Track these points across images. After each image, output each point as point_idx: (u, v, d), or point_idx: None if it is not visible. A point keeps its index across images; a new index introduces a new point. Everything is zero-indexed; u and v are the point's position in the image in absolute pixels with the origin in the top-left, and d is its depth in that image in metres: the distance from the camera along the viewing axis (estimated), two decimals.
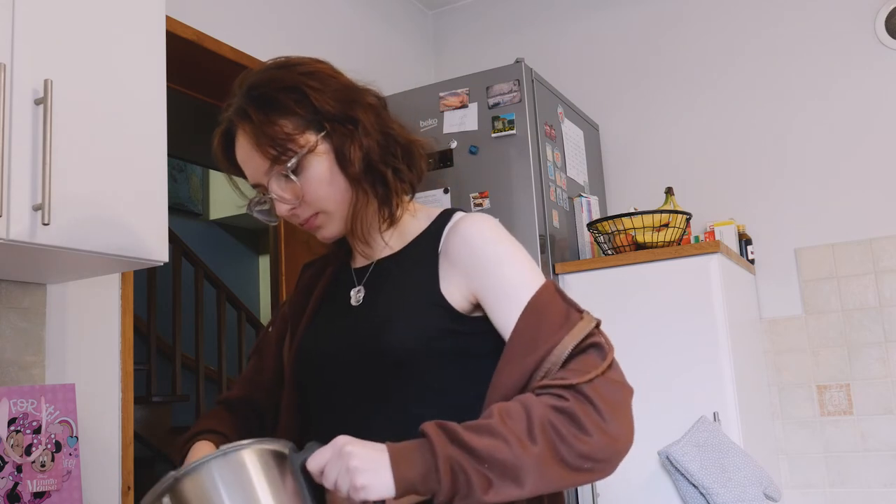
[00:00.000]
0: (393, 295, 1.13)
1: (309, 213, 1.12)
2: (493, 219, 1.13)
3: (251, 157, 1.11)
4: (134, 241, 1.56)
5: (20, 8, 1.41)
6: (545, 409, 0.92)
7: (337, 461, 0.88)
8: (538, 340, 0.99)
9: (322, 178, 1.10)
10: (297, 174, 1.09)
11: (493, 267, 1.06)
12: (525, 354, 0.99)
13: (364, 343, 1.09)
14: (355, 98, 1.13)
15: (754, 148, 3.00)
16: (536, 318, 1.01)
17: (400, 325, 1.07)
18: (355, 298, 1.17)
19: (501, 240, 1.09)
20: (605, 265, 2.47)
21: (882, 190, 2.79)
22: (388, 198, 1.14)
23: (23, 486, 1.59)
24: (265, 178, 1.11)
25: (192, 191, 6.53)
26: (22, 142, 1.38)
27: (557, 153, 2.72)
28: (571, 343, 0.98)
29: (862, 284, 2.77)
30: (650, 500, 2.27)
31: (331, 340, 1.15)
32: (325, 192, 1.11)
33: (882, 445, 2.68)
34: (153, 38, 1.68)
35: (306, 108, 1.10)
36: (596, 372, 0.96)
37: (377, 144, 1.12)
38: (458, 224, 1.12)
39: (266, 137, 1.08)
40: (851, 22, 2.90)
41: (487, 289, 1.06)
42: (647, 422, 2.29)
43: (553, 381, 0.95)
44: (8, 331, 1.77)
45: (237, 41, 2.52)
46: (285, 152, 1.08)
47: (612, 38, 3.33)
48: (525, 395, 0.95)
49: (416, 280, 1.11)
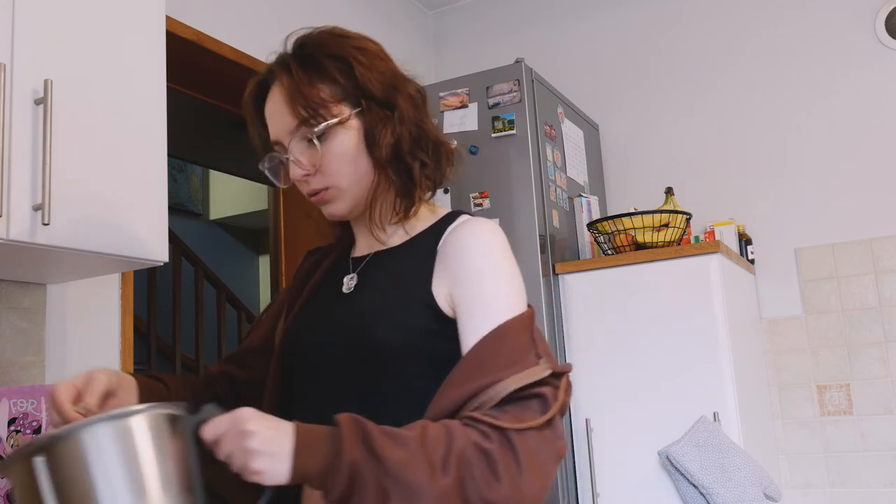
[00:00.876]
0: (384, 288, 1.10)
1: (322, 184, 1.10)
2: (496, 228, 1.10)
3: (280, 113, 1.09)
4: (134, 241, 1.56)
5: (20, 8, 1.41)
6: (467, 444, 0.88)
7: (235, 437, 0.84)
8: (484, 370, 0.95)
9: (345, 152, 1.09)
10: (321, 141, 1.07)
11: (475, 281, 1.04)
12: (467, 380, 0.95)
13: (348, 335, 1.07)
14: (398, 85, 1.12)
15: (754, 148, 3.00)
16: (493, 347, 0.97)
17: (385, 321, 1.05)
18: (347, 286, 1.15)
19: (494, 254, 1.06)
20: (605, 265, 2.47)
21: (882, 190, 2.79)
22: (409, 190, 1.12)
23: None
24: (288, 137, 1.09)
25: (192, 191, 6.53)
26: (22, 142, 1.38)
27: (557, 153, 2.72)
28: (513, 385, 0.93)
29: (862, 284, 2.77)
30: (650, 500, 2.27)
31: (317, 327, 1.13)
32: (345, 168, 1.09)
33: (882, 445, 2.68)
34: (153, 38, 1.68)
35: (348, 80, 1.09)
36: (531, 423, 0.91)
37: (409, 135, 1.11)
38: (459, 227, 1.10)
39: (301, 96, 1.07)
40: (851, 22, 2.90)
41: (463, 300, 1.04)
42: (647, 422, 2.30)
43: (484, 417, 0.91)
44: (8, 331, 1.77)
45: (237, 41, 2.52)
46: (315, 116, 1.07)
47: (612, 38, 3.33)
48: (452, 422, 0.91)
49: (410, 277, 1.09)
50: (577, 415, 2.42)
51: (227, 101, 2.77)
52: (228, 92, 2.69)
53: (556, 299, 2.50)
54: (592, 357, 2.42)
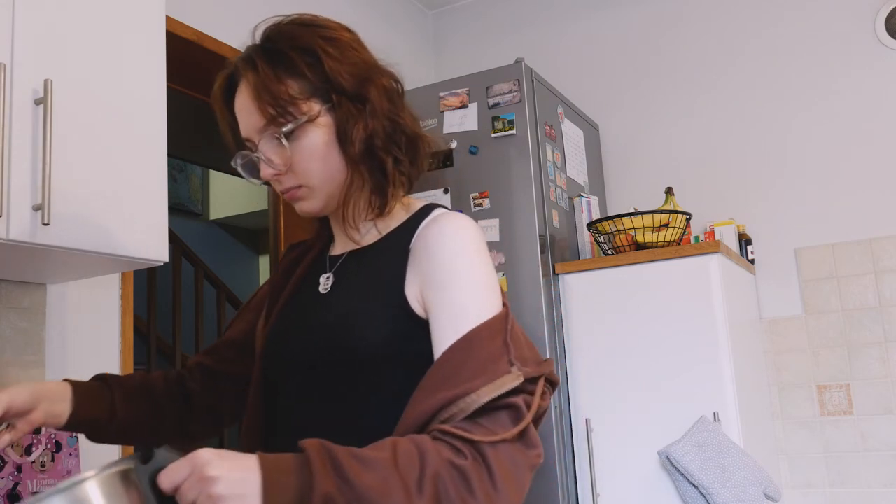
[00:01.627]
0: (358, 290, 1.07)
1: (293, 182, 1.06)
2: (470, 223, 1.05)
3: (248, 111, 1.05)
4: (134, 241, 1.56)
5: (20, 8, 1.41)
6: (440, 462, 0.84)
7: (197, 484, 0.77)
8: (455, 379, 0.91)
9: (316, 151, 1.04)
10: (290, 140, 1.03)
11: (447, 282, 0.99)
12: (436, 390, 0.91)
13: (324, 337, 1.04)
14: (371, 76, 1.07)
15: (754, 148, 3.00)
16: (464, 354, 0.93)
17: (361, 324, 1.02)
18: (323, 286, 1.12)
19: (467, 252, 1.01)
20: (605, 265, 2.47)
21: (882, 190, 2.79)
22: (382, 187, 1.08)
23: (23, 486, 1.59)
24: (257, 135, 1.05)
25: (192, 191, 6.53)
26: (22, 142, 1.38)
27: (557, 153, 2.72)
28: (487, 396, 0.89)
29: (862, 284, 2.77)
30: (650, 500, 2.27)
31: (295, 329, 1.11)
32: (316, 166, 1.05)
33: (882, 445, 2.68)
34: (153, 38, 1.68)
35: (317, 75, 1.04)
36: (503, 435, 0.88)
37: (382, 129, 1.06)
38: (431, 224, 1.05)
39: (268, 94, 1.02)
40: (851, 22, 2.90)
41: (433, 306, 0.99)
42: (647, 422, 2.30)
43: (455, 430, 0.87)
44: (8, 331, 1.77)
45: (237, 41, 2.50)
46: (284, 115, 1.02)
47: (612, 38, 3.33)
48: (422, 438, 0.87)
49: (382, 277, 1.05)
50: (577, 415, 2.42)
51: None
52: None
53: (556, 299, 2.50)
54: (592, 357, 2.42)
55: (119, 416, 1.16)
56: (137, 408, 1.19)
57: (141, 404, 1.20)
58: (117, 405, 1.16)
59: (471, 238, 1.03)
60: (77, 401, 1.12)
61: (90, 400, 1.13)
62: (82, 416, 1.13)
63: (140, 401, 1.20)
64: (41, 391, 1.08)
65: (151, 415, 1.21)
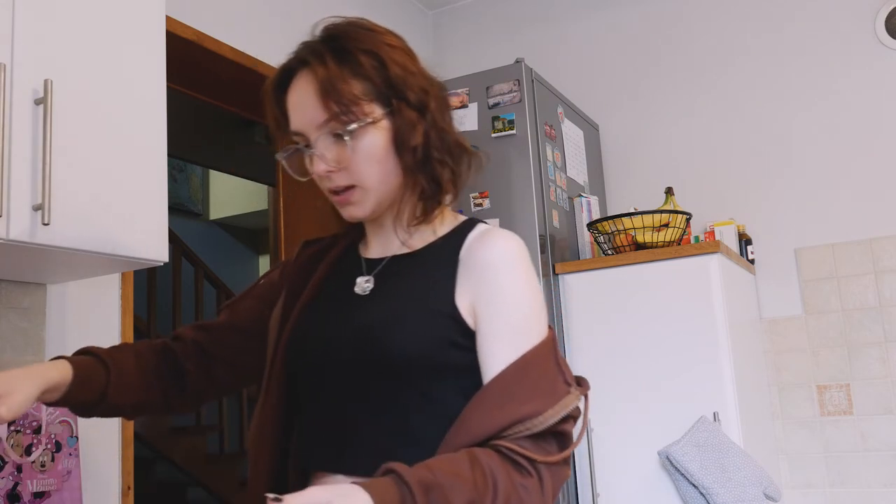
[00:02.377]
0: (404, 295, 1.07)
1: (346, 182, 1.06)
2: (521, 243, 1.08)
3: (309, 105, 1.05)
4: (134, 241, 1.56)
5: (20, 8, 1.41)
6: (508, 483, 0.92)
7: None
8: (516, 397, 0.97)
9: (374, 153, 1.05)
10: (350, 139, 1.04)
11: (501, 299, 1.03)
12: (501, 406, 0.96)
13: (365, 340, 1.04)
14: (429, 88, 1.09)
15: (754, 148, 3.00)
16: (522, 373, 0.98)
17: (406, 329, 1.02)
18: (361, 288, 1.12)
19: (519, 271, 1.05)
20: (605, 265, 2.47)
21: (882, 190, 2.79)
22: (434, 195, 1.10)
23: (23, 486, 1.59)
24: (315, 131, 1.05)
25: (192, 191, 6.53)
26: (22, 142, 1.38)
27: (557, 153, 2.72)
28: (554, 418, 0.97)
29: (862, 284, 2.77)
30: (650, 500, 2.27)
31: (328, 328, 1.10)
32: (374, 168, 1.06)
33: (882, 445, 2.68)
34: (153, 38, 1.68)
35: (382, 79, 1.05)
36: (556, 457, 0.97)
37: (438, 139, 1.08)
38: (484, 238, 1.08)
39: (334, 91, 1.03)
40: (851, 22, 2.90)
41: (488, 319, 1.03)
42: (648, 422, 2.30)
43: (517, 448, 0.94)
44: (8, 331, 1.77)
45: (237, 41, 2.52)
46: (347, 113, 1.03)
47: (612, 38, 3.33)
48: (489, 456, 0.93)
49: (432, 285, 1.06)
50: None
51: (227, 101, 2.77)
52: (228, 92, 2.70)
53: (556, 299, 2.50)
54: (592, 357, 2.42)
55: (108, 399, 1.15)
56: (128, 389, 1.17)
57: (132, 386, 1.18)
58: (110, 389, 1.14)
59: (524, 258, 1.07)
60: (71, 388, 1.11)
61: (85, 385, 1.12)
62: (71, 400, 1.12)
63: (131, 382, 1.18)
64: (43, 383, 1.06)
65: (139, 394, 1.19)
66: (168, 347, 1.24)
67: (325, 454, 1.05)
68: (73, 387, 1.10)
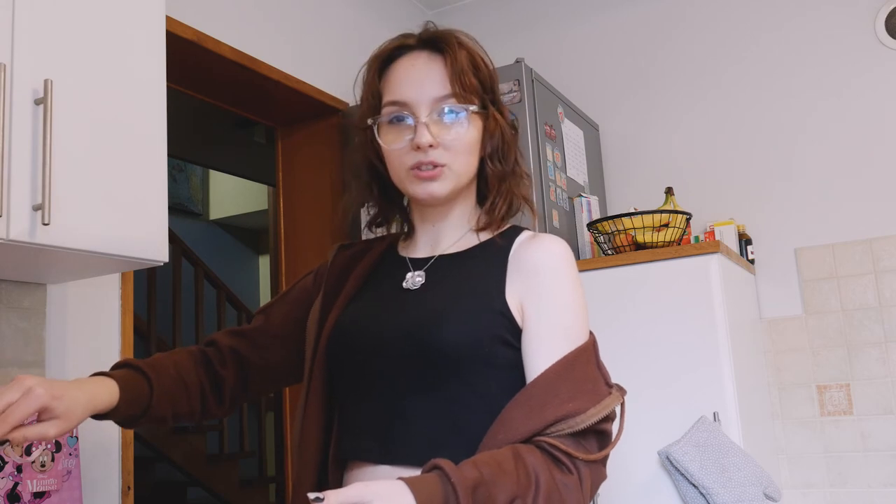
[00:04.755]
0: (452, 289, 1.11)
1: (443, 160, 1.12)
2: (569, 248, 1.14)
3: (434, 78, 1.13)
4: (134, 241, 1.56)
5: (20, 8, 1.41)
6: (550, 481, 0.95)
7: None
8: (559, 397, 1.00)
9: (471, 142, 1.14)
10: (458, 120, 1.12)
11: (549, 300, 1.08)
12: (545, 403, 1.00)
13: (416, 331, 1.07)
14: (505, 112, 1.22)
15: (754, 148, 3.00)
16: (566, 373, 1.02)
17: (458, 322, 1.06)
18: (412, 282, 1.15)
19: (568, 274, 1.11)
20: (605, 265, 2.47)
21: (882, 190, 2.79)
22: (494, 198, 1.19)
23: (23, 486, 1.59)
24: (428, 104, 1.12)
25: (192, 191, 6.53)
26: (22, 142, 1.38)
27: (557, 153, 2.72)
28: (595, 417, 1.01)
29: (862, 284, 2.78)
30: (650, 500, 2.27)
31: (377, 321, 1.12)
32: (465, 155, 1.14)
33: (882, 445, 2.68)
34: (153, 38, 1.68)
35: (484, 82, 1.17)
36: (597, 455, 1.01)
37: (510, 150, 1.20)
38: (534, 240, 1.14)
39: (465, 76, 1.12)
40: (851, 22, 2.90)
41: (535, 318, 1.07)
42: (647, 422, 2.30)
43: (560, 444, 0.97)
44: (8, 331, 1.77)
45: (237, 41, 2.52)
46: (466, 98, 1.12)
47: (612, 38, 3.33)
48: (532, 453, 0.96)
49: (482, 282, 1.11)
50: None
51: (227, 101, 2.77)
52: (228, 92, 2.69)
53: None
54: None
55: (151, 412, 1.17)
56: (169, 401, 1.19)
57: (173, 397, 1.20)
58: (153, 402, 1.16)
59: (572, 262, 1.13)
60: (118, 407, 1.12)
61: (131, 404, 1.14)
62: (116, 416, 1.13)
63: (173, 394, 1.20)
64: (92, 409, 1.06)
65: (180, 405, 1.21)
66: (205, 355, 1.26)
67: (369, 445, 1.07)
68: (119, 405, 1.12)
